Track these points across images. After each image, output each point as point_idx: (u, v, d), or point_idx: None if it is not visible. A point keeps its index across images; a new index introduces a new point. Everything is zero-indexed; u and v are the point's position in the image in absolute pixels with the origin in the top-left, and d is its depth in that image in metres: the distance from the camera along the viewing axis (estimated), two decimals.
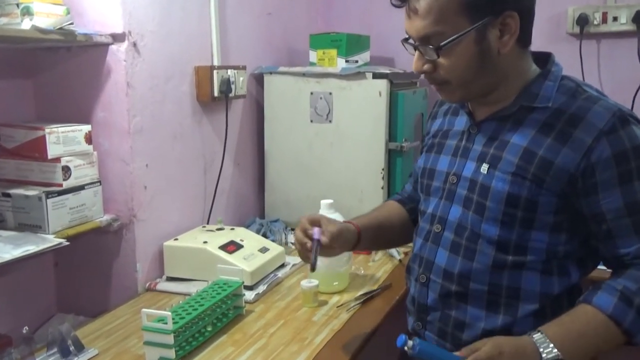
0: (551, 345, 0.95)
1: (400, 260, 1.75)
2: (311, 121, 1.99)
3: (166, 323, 1.18)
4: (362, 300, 1.48)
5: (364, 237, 1.25)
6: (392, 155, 1.94)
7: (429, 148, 1.22)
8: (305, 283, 1.46)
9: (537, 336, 0.97)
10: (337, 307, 1.45)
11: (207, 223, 1.84)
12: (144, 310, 1.20)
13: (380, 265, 1.74)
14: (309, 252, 1.16)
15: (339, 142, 1.97)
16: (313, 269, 1.15)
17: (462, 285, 1.08)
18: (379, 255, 1.81)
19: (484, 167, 1.06)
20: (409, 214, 1.34)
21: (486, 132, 1.09)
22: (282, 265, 1.69)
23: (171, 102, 1.67)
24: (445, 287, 1.10)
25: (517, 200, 1.02)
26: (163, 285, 1.58)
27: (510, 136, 1.05)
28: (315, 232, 1.15)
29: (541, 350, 0.95)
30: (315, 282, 1.46)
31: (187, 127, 1.75)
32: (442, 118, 1.23)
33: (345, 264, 1.55)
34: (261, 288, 1.53)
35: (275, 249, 1.68)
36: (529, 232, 1.03)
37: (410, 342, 0.97)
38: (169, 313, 1.19)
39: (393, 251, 1.78)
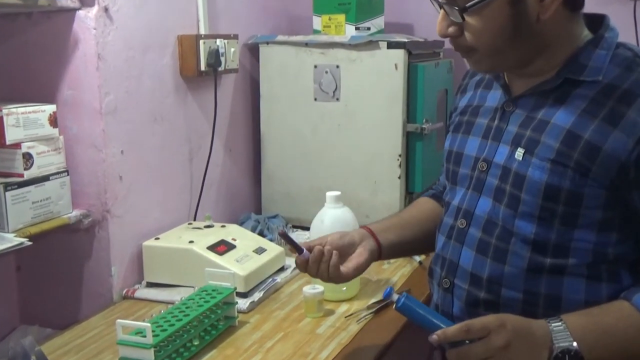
0: (567, 333, 0.96)
1: (420, 263, 1.75)
2: (315, 99, 1.99)
3: (145, 336, 1.18)
4: (374, 309, 1.48)
5: (385, 242, 1.26)
6: (411, 139, 1.94)
7: (455, 127, 1.22)
8: (308, 289, 1.46)
9: (555, 324, 0.98)
10: (346, 317, 1.45)
11: (194, 219, 1.84)
12: (119, 321, 1.20)
13: (396, 268, 1.74)
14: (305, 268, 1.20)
15: (348, 124, 1.97)
16: (299, 250, 1.18)
17: (493, 292, 1.08)
18: None
19: (519, 153, 1.06)
20: None
21: (523, 110, 1.09)
22: (282, 269, 1.69)
23: (150, 77, 1.67)
24: (472, 293, 1.10)
25: (558, 193, 1.02)
26: (142, 292, 1.59)
27: (551, 115, 1.04)
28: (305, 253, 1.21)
29: (553, 337, 0.96)
30: (320, 288, 1.46)
31: (169, 106, 1.75)
32: (473, 91, 1.23)
33: None
34: (257, 295, 1.54)
35: (273, 249, 1.69)
36: (572, 230, 1.03)
37: (395, 296, 1.04)
38: (148, 324, 1.19)
39: None
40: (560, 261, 1.04)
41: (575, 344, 0.96)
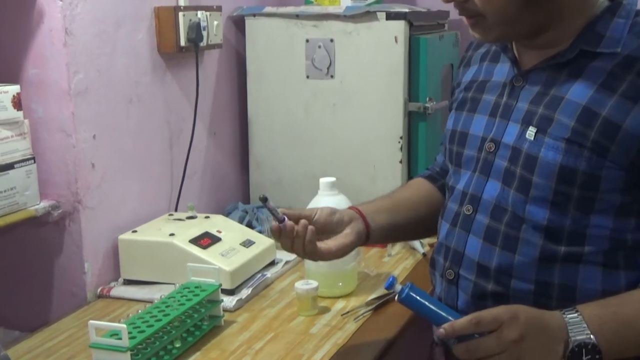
0: (584, 325, 0.97)
1: (424, 254, 1.75)
2: (307, 77, 1.98)
3: (121, 338, 1.18)
4: (374, 306, 1.48)
5: (372, 223, 1.25)
6: (413, 120, 1.94)
7: (459, 105, 1.21)
8: (301, 285, 1.46)
9: (571, 316, 0.98)
10: (342, 315, 1.45)
11: (175, 210, 1.84)
12: (92, 322, 1.20)
13: (398, 261, 1.74)
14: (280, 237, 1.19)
15: (344, 104, 1.96)
16: (279, 219, 1.19)
17: (501, 284, 1.08)
18: (396, 248, 1.81)
19: (531, 132, 1.05)
20: (441, 193, 1.34)
21: (534, 85, 1.08)
22: (272, 263, 1.69)
23: (124, 54, 1.66)
24: (479, 285, 1.10)
25: (573, 175, 1.02)
26: (118, 290, 1.58)
27: (566, 91, 1.04)
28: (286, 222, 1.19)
29: (569, 329, 0.97)
30: (314, 284, 1.46)
31: (146, 86, 1.74)
32: (478, 65, 1.22)
33: (352, 260, 1.55)
34: (245, 292, 1.54)
35: (262, 242, 1.68)
36: (588, 216, 1.03)
37: (398, 286, 1.04)
38: (124, 325, 1.19)
39: (415, 243, 1.78)
40: (575, 249, 1.04)
41: (592, 337, 0.96)
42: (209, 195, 2.01)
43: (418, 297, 1.04)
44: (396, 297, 1.05)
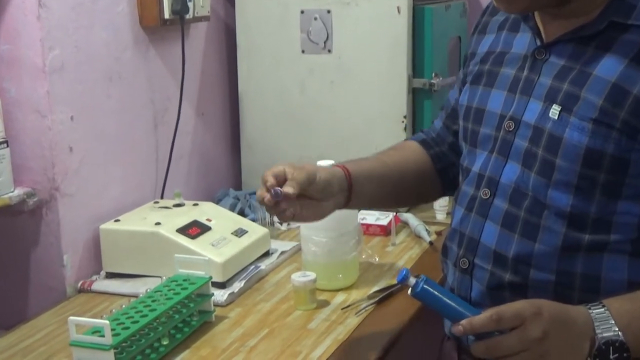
0: (612, 322, 0.97)
1: (431, 243, 1.75)
2: (303, 52, 1.98)
3: (103, 335, 1.18)
4: (377, 299, 1.48)
5: (358, 187, 1.23)
6: (417, 97, 1.93)
7: (475, 78, 1.21)
8: (298, 277, 1.46)
9: (597, 311, 0.98)
10: (343, 309, 1.45)
11: (161, 197, 1.84)
12: (72, 318, 1.19)
13: (403, 250, 1.74)
14: (270, 207, 1.15)
15: (342, 81, 1.95)
16: (281, 218, 1.16)
17: (520, 274, 1.08)
18: (401, 237, 1.81)
19: (555, 110, 1.05)
20: (434, 162, 1.34)
21: (559, 59, 1.08)
22: (266, 254, 1.69)
23: (103, 27, 1.65)
24: (495, 275, 1.10)
25: (600, 158, 1.02)
26: (101, 284, 1.59)
27: (593, 66, 1.04)
28: (274, 189, 1.14)
29: (595, 325, 0.97)
30: (311, 275, 1.46)
31: (128, 63, 1.73)
32: (495, 34, 1.21)
33: (353, 250, 1.55)
34: (237, 285, 1.54)
35: (256, 231, 1.68)
36: (615, 202, 1.03)
37: (412, 280, 1.02)
38: (107, 322, 1.19)
39: (422, 231, 1.78)
40: (600, 237, 1.04)
41: (620, 334, 0.96)
42: (197, 181, 2.00)
43: (434, 291, 1.03)
44: (409, 291, 1.04)
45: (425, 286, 1.02)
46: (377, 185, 1.28)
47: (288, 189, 1.13)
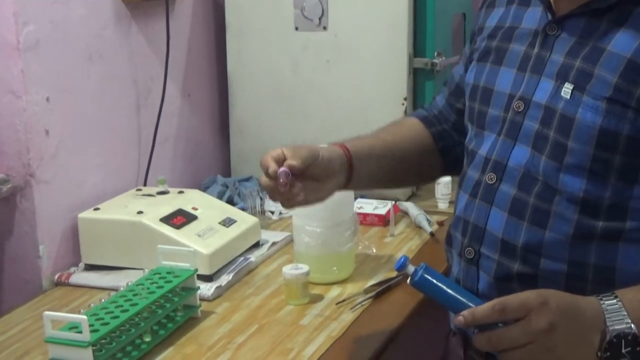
0: (624, 313, 0.97)
1: (432, 234, 1.75)
2: (296, 29, 1.97)
3: (81, 332, 1.18)
4: (374, 293, 1.48)
5: (359, 166, 1.23)
6: (419, 78, 1.93)
7: (482, 55, 1.21)
8: (289, 270, 1.46)
9: (609, 302, 0.98)
10: (337, 304, 1.45)
11: (144, 184, 1.84)
12: (48, 313, 1.19)
13: (402, 240, 1.75)
14: (281, 193, 1.14)
15: (339, 60, 1.95)
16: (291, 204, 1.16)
17: (529, 264, 1.08)
18: (400, 227, 1.81)
19: (567, 89, 1.05)
20: (435, 140, 1.34)
21: (571, 34, 1.08)
22: (256, 245, 1.69)
23: (82, 2, 1.64)
24: (503, 266, 1.11)
25: (615, 140, 1.02)
26: (79, 276, 1.59)
27: (607, 41, 1.04)
28: (281, 171, 1.13)
29: (606, 317, 0.97)
30: (304, 268, 1.46)
31: (108, 40, 1.73)
32: (505, 8, 1.21)
33: (348, 240, 1.55)
34: (225, 279, 1.54)
35: (245, 220, 1.69)
36: (631, 186, 1.03)
37: (410, 268, 1.02)
38: (85, 317, 1.19)
39: (422, 221, 1.79)
40: (615, 225, 1.04)
41: (633, 326, 0.96)
42: (183, 167, 2.00)
43: (434, 280, 1.03)
44: (408, 280, 1.05)
45: (425, 275, 1.03)
46: (377, 163, 1.28)
47: (292, 161, 1.13)
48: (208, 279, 1.52)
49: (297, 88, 2.00)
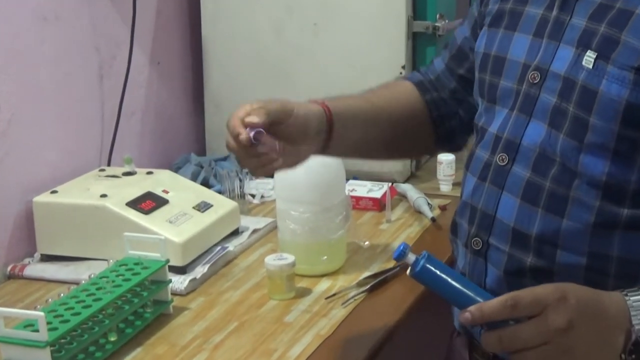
0: None
1: (433, 220, 1.76)
2: None
3: (38, 330, 1.17)
4: (368, 286, 1.49)
5: (340, 128, 1.22)
6: (419, 44, 1.94)
7: (494, 20, 1.21)
8: (273, 260, 1.46)
9: (635, 297, 0.99)
10: (327, 298, 1.46)
11: (108, 164, 1.84)
12: (0, 309, 1.20)
13: (400, 227, 1.75)
14: (251, 156, 1.12)
15: (328, 23, 1.95)
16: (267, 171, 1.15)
17: (544, 256, 1.09)
18: (397, 212, 1.82)
19: (589, 57, 1.06)
20: (429, 109, 1.34)
21: None
22: (236, 233, 1.70)
23: None
24: (514, 258, 1.11)
25: None
26: (35, 268, 1.59)
27: (637, 2, 1.04)
28: (254, 132, 1.10)
29: (632, 315, 0.97)
30: (289, 258, 1.47)
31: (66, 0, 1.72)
32: None
33: (339, 227, 1.56)
34: (200, 270, 1.54)
35: (222, 205, 1.69)
36: None
37: (411, 257, 1.02)
38: (42, 313, 1.18)
39: (423, 205, 1.79)
40: None
41: None
42: (152, 144, 2.01)
43: (437, 271, 1.03)
44: (408, 271, 1.04)
45: (428, 265, 1.02)
46: (362, 127, 1.27)
47: (252, 118, 1.10)
48: (181, 270, 1.52)
49: (280, 55, 2.00)
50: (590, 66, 1.05)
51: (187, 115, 2.13)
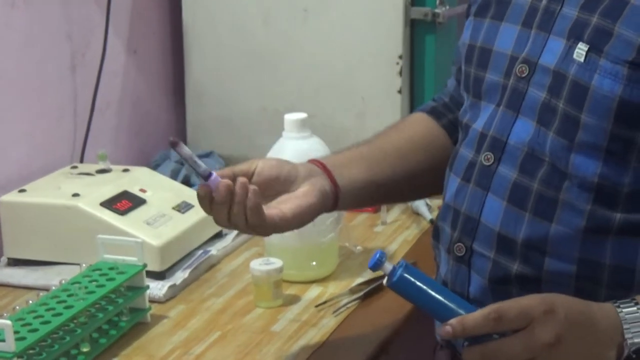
0: None
1: (432, 222, 1.76)
2: None
3: (4, 340, 1.17)
4: (361, 293, 1.49)
5: (345, 182, 1.24)
6: (417, 32, 1.94)
7: (480, 8, 1.22)
8: (259, 266, 1.47)
9: (629, 310, 1.00)
10: (317, 306, 1.47)
11: (80, 161, 1.84)
12: None
13: (396, 231, 1.76)
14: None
15: (319, 9, 1.95)
16: (205, 174, 1.15)
17: (531, 264, 1.10)
18: (393, 213, 1.82)
19: (580, 50, 1.06)
20: (449, 133, 1.34)
21: None
22: (219, 236, 1.70)
23: None
24: (499, 265, 1.12)
25: (637, 114, 1.03)
26: (1, 273, 1.59)
27: None
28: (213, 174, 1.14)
29: (625, 328, 0.98)
30: (277, 263, 1.47)
31: None
32: None
33: (330, 230, 1.56)
34: (180, 276, 1.55)
35: None
36: None
37: (388, 266, 1.03)
38: (9, 322, 1.18)
39: (421, 205, 1.80)
40: (635, 217, 1.06)
41: None
42: (128, 140, 2.01)
43: (415, 281, 1.03)
44: (385, 281, 1.05)
45: (405, 274, 1.03)
46: (367, 172, 1.28)
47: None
48: (159, 276, 1.53)
49: (267, 43, 2.00)
50: (582, 60, 1.06)
51: (166, 108, 2.14)
